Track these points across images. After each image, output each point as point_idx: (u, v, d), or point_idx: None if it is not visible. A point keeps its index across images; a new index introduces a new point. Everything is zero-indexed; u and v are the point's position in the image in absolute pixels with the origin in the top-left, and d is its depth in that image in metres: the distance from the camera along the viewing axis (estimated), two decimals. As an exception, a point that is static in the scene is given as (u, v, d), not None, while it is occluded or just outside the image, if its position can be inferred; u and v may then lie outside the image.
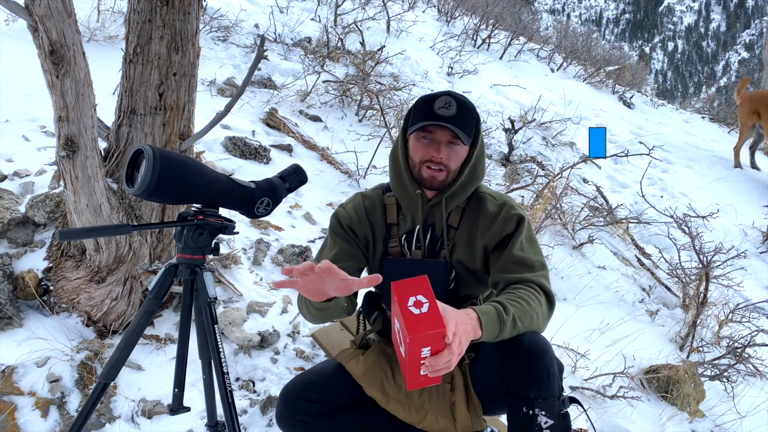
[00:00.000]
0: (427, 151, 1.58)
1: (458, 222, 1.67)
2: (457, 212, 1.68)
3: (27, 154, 2.92)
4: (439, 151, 1.57)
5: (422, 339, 1.20)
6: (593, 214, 4.72)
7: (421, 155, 1.59)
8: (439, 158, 1.57)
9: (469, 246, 1.65)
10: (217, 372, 1.53)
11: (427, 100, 1.58)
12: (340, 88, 5.23)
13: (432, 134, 1.57)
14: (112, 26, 4.86)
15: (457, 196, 1.66)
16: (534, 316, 1.45)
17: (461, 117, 1.55)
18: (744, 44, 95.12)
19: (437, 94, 1.59)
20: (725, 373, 3.18)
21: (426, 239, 1.68)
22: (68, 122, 1.82)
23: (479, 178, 1.68)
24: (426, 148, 1.59)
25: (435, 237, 1.68)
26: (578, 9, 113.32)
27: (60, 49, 1.71)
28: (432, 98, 1.57)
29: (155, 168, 1.36)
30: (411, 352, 1.21)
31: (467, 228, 1.66)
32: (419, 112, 1.58)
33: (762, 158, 8.30)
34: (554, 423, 1.39)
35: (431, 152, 1.58)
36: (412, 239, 1.69)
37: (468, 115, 1.57)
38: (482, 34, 9.33)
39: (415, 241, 1.68)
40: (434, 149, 1.57)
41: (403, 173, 1.65)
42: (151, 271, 2.36)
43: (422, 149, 1.59)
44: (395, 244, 1.70)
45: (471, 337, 1.29)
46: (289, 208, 3.47)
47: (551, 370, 1.42)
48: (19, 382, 1.95)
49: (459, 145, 1.58)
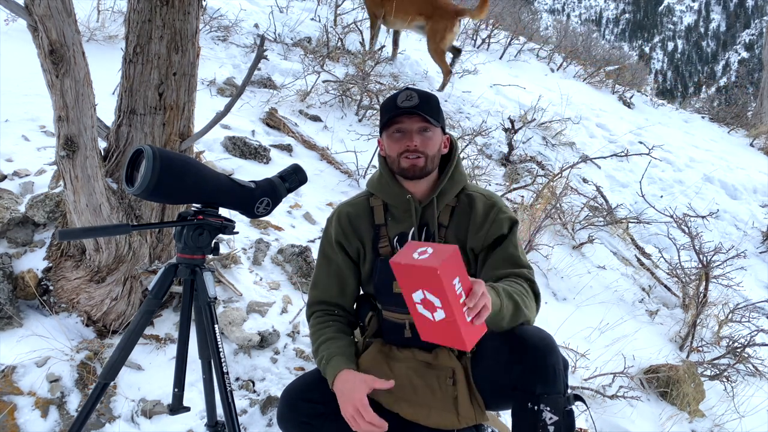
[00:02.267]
0: (401, 143, 1.62)
1: (448, 220, 1.69)
2: (446, 211, 1.70)
3: (27, 154, 2.92)
4: (412, 139, 1.61)
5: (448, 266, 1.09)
6: (593, 213, 4.72)
7: (397, 148, 1.63)
8: (414, 146, 1.60)
9: (459, 244, 1.66)
10: (217, 372, 1.53)
11: (390, 98, 1.64)
12: (340, 88, 5.22)
13: (402, 125, 1.62)
14: (112, 26, 4.86)
15: (447, 194, 1.68)
16: (526, 300, 1.48)
17: (425, 105, 1.60)
18: (744, 44, 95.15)
19: (398, 91, 1.65)
20: (725, 373, 3.18)
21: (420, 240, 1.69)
22: (68, 122, 1.82)
23: (464, 174, 1.72)
24: (399, 141, 1.63)
25: (428, 236, 1.69)
26: (578, 9, 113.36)
27: (60, 48, 1.71)
28: (394, 96, 1.64)
29: (155, 168, 1.36)
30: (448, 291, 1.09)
31: (457, 226, 1.69)
32: (385, 111, 1.64)
33: (762, 159, 8.30)
34: (559, 419, 1.40)
35: (405, 143, 1.62)
36: (404, 240, 1.70)
37: (431, 103, 1.62)
38: (482, 33, 9.32)
39: None
40: (407, 139, 1.61)
41: (388, 179, 1.69)
42: (151, 271, 2.36)
43: (396, 143, 1.63)
44: (385, 245, 1.71)
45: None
46: (288, 207, 3.47)
47: (557, 367, 1.43)
48: (19, 381, 1.95)
49: (431, 131, 1.63)
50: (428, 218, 1.69)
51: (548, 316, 3.11)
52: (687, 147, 7.67)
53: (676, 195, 6.01)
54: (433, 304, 1.11)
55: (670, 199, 5.76)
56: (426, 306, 1.13)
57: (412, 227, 1.69)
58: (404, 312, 1.64)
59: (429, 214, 1.69)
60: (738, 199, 6.47)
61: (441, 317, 1.11)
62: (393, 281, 1.65)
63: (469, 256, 1.68)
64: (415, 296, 1.13)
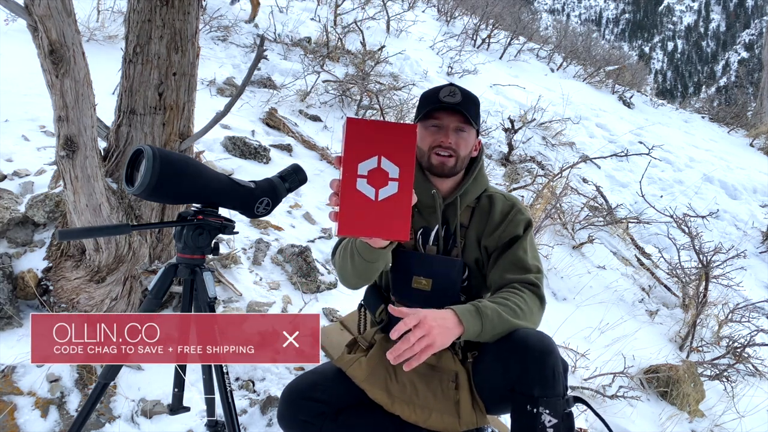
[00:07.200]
0: (436, 138, 1.60)
1: (468, 221, 1.69)
2: (467, 211, 1.69)
3: (27, 154, 2.92)
4: (448, 136, 1.58)
5: (357, 126, 0.91)
6: (593, 213, 4.73)
7: (430, 142, 1.61)
8: (448, 143, 1.58)
9: (478, 244, 1.67)
10: (217, 372, 1.52)
11: (433, 90, 1.61)
12: (340, 88, 5.22)
13: (439, 120, 1.59)
14: (112, 26, 4.86)
15: (469, 195, 1.68)
16: (524, 307, 1.47)
17: (467, 103, 1.58)
18: (744, 44, 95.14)
19: (441, 85, 1.61)
20: (725, 373, 3.18)
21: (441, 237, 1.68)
22: (68, 122, 1.82)
23: (486, 176, 1.71)
24: (434, 134, 1.60)
25: (448, 235, 1.69)
26: (578, 9, 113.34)
27: (59, 48, 1.71)
28: (437, 89, 1.60)
29: (155, 168, 1.36)
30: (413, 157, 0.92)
31: (476, 227, 1.68)
32: (425, 103, 1.61)
33: (762, 159, 8.30)
34: (558, 422, 1.39)
35: (440, 138, 1.59)
36: (428, 236, 1.69)
37: (473, 103, 1.60)
38: (482, 33, 9.33)
39: (433, 238, 1.68)
40: (442, 135, 1.59)
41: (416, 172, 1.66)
42: (151, 271, 2.36)
43: (430, 136, 1.61)
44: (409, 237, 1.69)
45: (453, 332, 1.34)
46: (288, 207, 3.47)
47: (556, 369, 1.42)
48: (19, 381, 1.95)
49: (467, 131, 1.60)
50: (449, 216, 1.68)
51: (548, 316, 3.08)
52: (687, 147, 7.67)
53: (676, 195, 6.01)
54: (386, 176, 0.93)
55: (670, 199, 5.77)
56: (372, 180, 0.95)
57: (434, 222, 1.67)
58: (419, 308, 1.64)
59: (451, 212, 1.68)
60: (738, 199, 6.48)
61: (390, 193, 0.94)
62: (412, 276, 1.64)
63: (482, 254, 1.67)
64: (362, 167, 0.94)
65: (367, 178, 0.92)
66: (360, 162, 0.92)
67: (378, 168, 0.91)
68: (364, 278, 1.56)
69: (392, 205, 0.91)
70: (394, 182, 0.92)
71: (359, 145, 0.93)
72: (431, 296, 1.64)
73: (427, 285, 1.64)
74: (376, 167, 0.91)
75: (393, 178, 0.92)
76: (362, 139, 0.93)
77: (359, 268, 1.48)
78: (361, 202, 0.92)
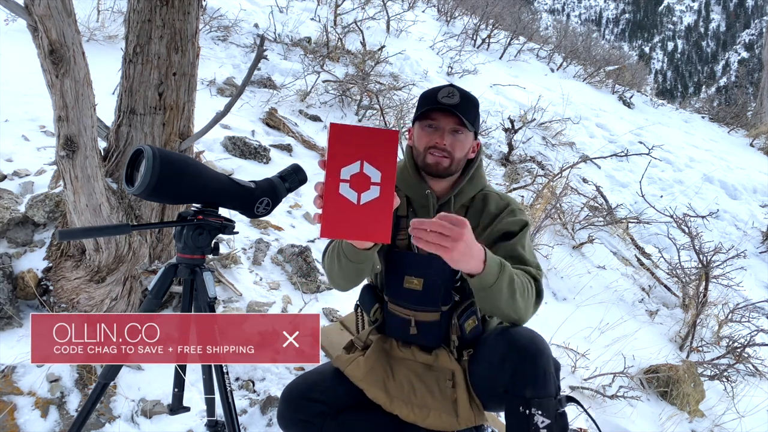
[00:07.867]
0: (431, 138, 1.60)
1: None
2: (461, 210, 1.69)
3: (27, 154, 2.92)
4: (443, 137, 1.58)
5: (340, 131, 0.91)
6: (593, 213, 4.73)
7: (425, 142, 1.61)
8: (443, 144, 1.58)
9: None
10: (217, 372, 1.52)
11: (432, 90, 1.61)
12: (340, 88, 5.23)
13: (436, 122, 1.59)
14: (112, 26, 4.86)
15: (464, 194, 1.67)
16: (527, 290, 1.45)
17: (464, 105, 1.57)
18: (744, 44, 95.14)
19: (441, 85, 1.61)
20: (725, 373, 3.18)
21: None
22: (68, 122, 1.82)
23: (484, 176, 1.70)
24: (430, 135, 1.60)
25: None
26: (578, 9, 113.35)
27: (60, 48, 1.71)
28: (436, 89, 1.60)
29: (155, 168, 1.36)
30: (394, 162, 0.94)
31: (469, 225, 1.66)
32: (423, 103, 1.61)
33: (762, 159, 8.30)
34: (551, 422, 1.39)
35: (435, 139, 1.59)
36: None
37: (471, 105, 1.60)
38: (482, 33, 9.33)
39: None
40: (438, 136, 1.59)
41: (411, 172, 1.66)
42: (151, 271, 2.36)
43: (426, 136, 1.61)
44: (403, 237, 1.69)
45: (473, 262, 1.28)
46: (288, 207, 3.47)
47: (548, 370, 1.42)
48: (19, 381, 1.95)
49: (463, 134, 1.60)
50: None
51: (548, 316, 3.11)
52: (687, 147, 7.68)
53: (676, 195, 6.01)
54: (368, 181, 0.95)
55: (670, 199, 5.77)
56: (354, 184, 0.96)
57: None
58: (412, 308, 1.64)
59: (445, 211, 1.68)
60: (738, 199, 6.48)
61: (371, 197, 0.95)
62: (405, 275, 1.64)
63: None
64: (344, 171, 0.96)
65: (350, 182, 0.94)
66: (343, 167, 0.94)
67: (360, 173, 0.93)
68: (351, 280, 1.57)
69: (374, 208, 0.93)
70: (375, 186, 0.94)
71: (342, 150, 0.95)
72: (423, 295, 1.62)
73: (419, 284, 1.63)
74: (359, 172, 0.93)
75: (375, 182, 0.94)
76: (345, 144, 0.95)
77: (346, 270, 1.49)
78: (344, 206, 0.94)
